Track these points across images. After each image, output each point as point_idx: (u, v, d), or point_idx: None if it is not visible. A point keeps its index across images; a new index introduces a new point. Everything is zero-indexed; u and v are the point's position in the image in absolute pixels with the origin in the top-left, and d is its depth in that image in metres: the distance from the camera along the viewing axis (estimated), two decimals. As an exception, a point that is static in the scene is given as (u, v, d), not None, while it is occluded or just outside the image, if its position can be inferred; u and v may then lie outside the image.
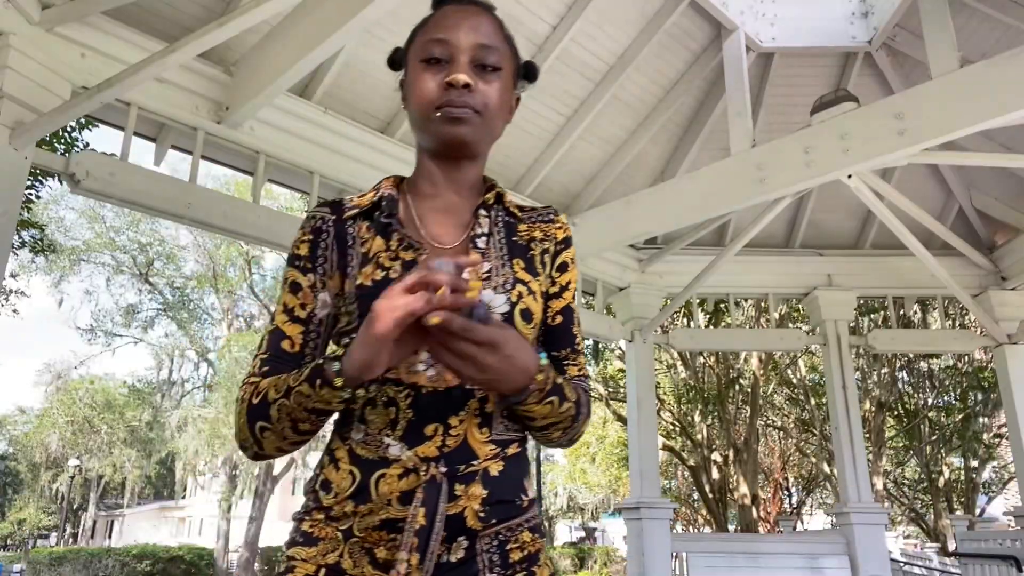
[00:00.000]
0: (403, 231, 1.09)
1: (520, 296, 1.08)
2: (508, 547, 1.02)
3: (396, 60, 1.17)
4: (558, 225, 1.21)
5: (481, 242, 1.12)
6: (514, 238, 1.16)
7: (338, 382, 0.93)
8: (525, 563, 1.04)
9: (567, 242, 1.20)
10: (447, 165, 1.13)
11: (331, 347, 1.12)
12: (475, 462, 1.01)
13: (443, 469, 0.99)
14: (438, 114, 1.06)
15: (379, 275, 1.05)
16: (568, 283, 1.19)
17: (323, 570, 0.99)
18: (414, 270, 0.89)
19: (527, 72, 1.19)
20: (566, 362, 1.17)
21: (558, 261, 1.18)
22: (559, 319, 1.17)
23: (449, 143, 1.09)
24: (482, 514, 1.00)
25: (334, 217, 1.11)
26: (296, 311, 1.08)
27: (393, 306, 0.86)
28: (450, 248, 1.10)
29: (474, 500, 1.00)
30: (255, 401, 1.01)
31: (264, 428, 1.00)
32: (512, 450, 1.07)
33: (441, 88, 1.06)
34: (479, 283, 0.91)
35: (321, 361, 0.96)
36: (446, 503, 0.98)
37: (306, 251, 1.10)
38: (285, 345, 1.07)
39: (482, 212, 1.15)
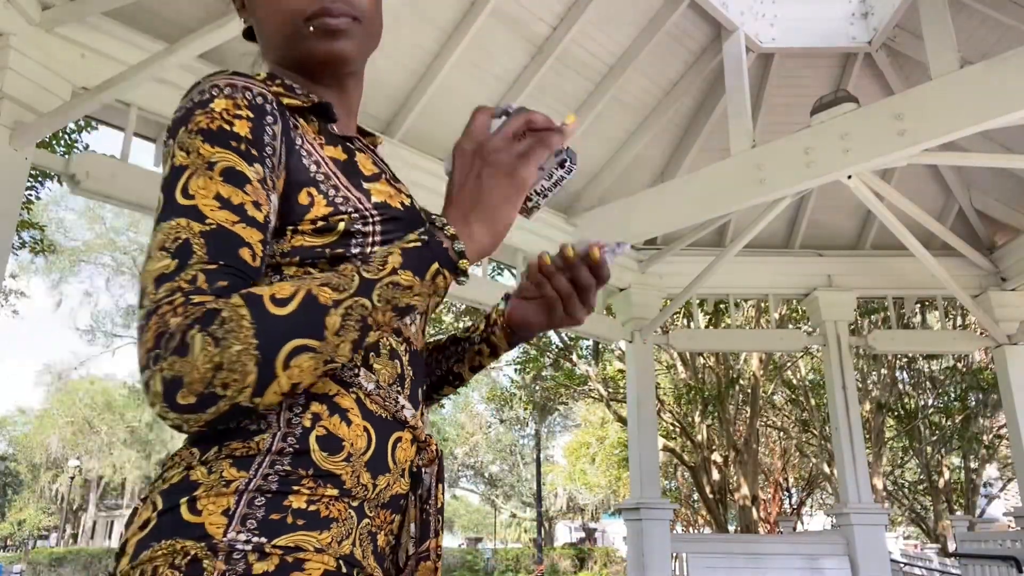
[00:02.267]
0: (378, 160, 0.89)
1: None
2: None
3: None
4: None
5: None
6: None
7: (464, 265, 0.73)
8: None
9: None
10: (328, 88, 0.89)
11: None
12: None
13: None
14: (311, 28, 0.83)
15: (406, 200, 0.87)
16: None
17: (342, 564, 0.70)
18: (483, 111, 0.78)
19: None
20: None
21: None
22: None
23: (329, 62, 0.86)
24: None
25: (275, 101, 0.78)
26: (249, 210, 0.71)
27: (529, 149, 0.75)
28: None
29: None
30: (284, 311, 0.64)
31: (302, 350, 0.64)
32: None
33: None
34: (573, 117, 0.80)
35: (425, 233, 0.73)
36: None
37: (247, 131, 0.73)
38: (245, 255, 0.70)
39: (370, 140, 0.97)
